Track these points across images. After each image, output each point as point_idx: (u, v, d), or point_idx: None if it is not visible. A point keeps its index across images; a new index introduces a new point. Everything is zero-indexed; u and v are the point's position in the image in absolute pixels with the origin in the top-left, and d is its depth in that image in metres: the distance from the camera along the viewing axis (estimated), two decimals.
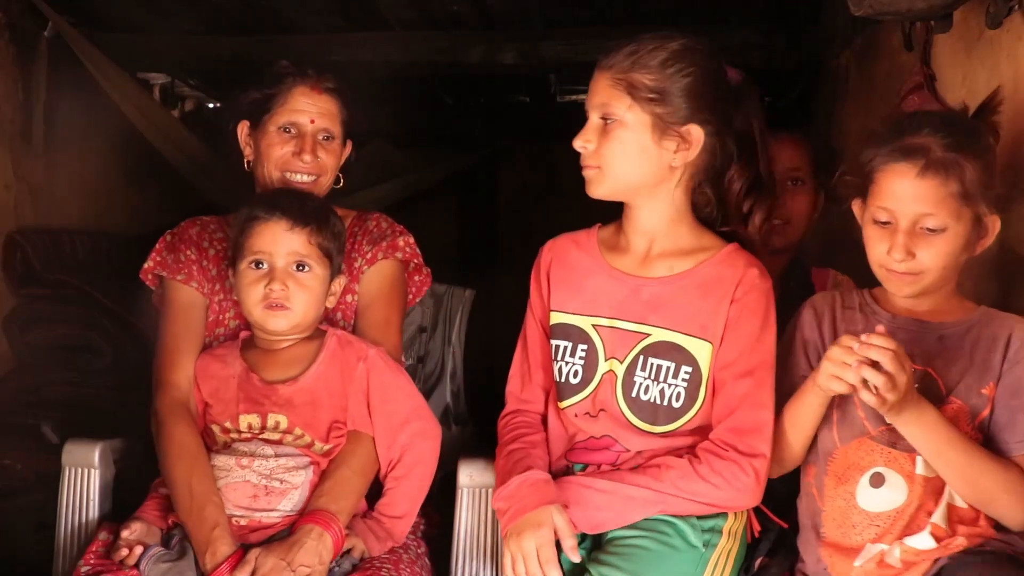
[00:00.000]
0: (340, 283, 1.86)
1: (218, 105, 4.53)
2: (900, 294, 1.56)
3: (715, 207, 1.70)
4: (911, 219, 1.47)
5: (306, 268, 1.76)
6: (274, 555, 1.58)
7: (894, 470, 1.51)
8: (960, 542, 1.45)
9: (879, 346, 1.36)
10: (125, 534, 1.67)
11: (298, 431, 1.75)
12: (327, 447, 1.75)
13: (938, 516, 1.47)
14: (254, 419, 1.75)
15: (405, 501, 1.77)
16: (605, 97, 1.62)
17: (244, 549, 1.62)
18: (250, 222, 1.77)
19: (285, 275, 1.74)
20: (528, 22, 3.35)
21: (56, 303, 2.88)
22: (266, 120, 1.94)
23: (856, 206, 1.60)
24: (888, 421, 1.45)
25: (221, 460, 1.71)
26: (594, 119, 1.64)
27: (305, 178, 1.94)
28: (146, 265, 1.93)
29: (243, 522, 1.67)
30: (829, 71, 3.20)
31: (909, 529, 1.48)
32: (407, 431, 1.77)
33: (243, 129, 2.00)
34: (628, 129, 1.61)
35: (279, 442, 1.73)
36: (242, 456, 1.71)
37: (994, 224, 1.50)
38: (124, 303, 2.82)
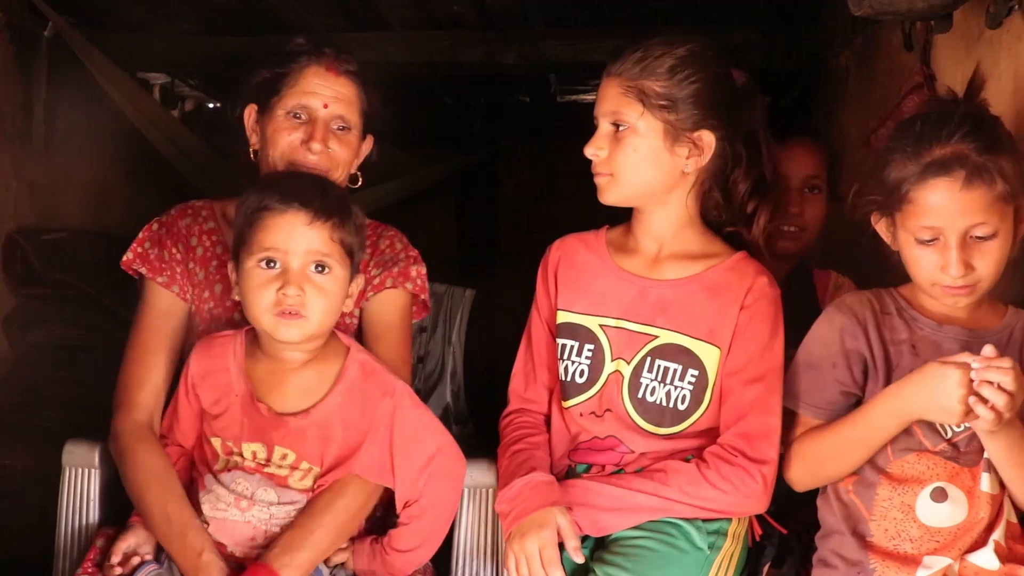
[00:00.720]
0: (358, 284, 1.66)
1: (218, 105, 4.53)
2: (956, 306, 1.50)
3: (723, 210, 1.71)
4: (960, 232, 1.40)
5: (325, 269, 1.55)
6: None
7: (956, 485, 1.47)
8: (1023, 572, 1.44)
9: (1000, 367, 1.31)
10: (123, 547, 1.60)
11: (306, 465, 1.60)
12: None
13: (999, 533, 1.46)
14: (259, 448, 1.60)
15: (413, 538, 1.64)
16: (616, 104, 1.62)
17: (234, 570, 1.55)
18: (261, 212, 1.53)
19: (302, 278, 1.52)
20: (528, 22, 3.35)
21: (56, 303, 2.88)
22: (275, 103, 1.74)
23: (882, 225, 1.54)
24: (984, 436, 1.40)
25: (220, 491, 1.59)
26: (604, 126, 1.64)
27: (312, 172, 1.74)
28: (126, 256, 1.77)
29: (238, 553, 1.58)
30: (829, 71, 3.21)
31: (971, 545, 1.46)
32: (428, 472, 1.62)
33: (250, 114, 1.80)
34: (641, 136, 1.61)
35: (284, 481, 1.59)
36: (242, 497, 1.58)
37: None
38: (124, 303, 2.82)
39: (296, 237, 1.53)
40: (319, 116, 1.73)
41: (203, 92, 4.35)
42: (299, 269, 1.53)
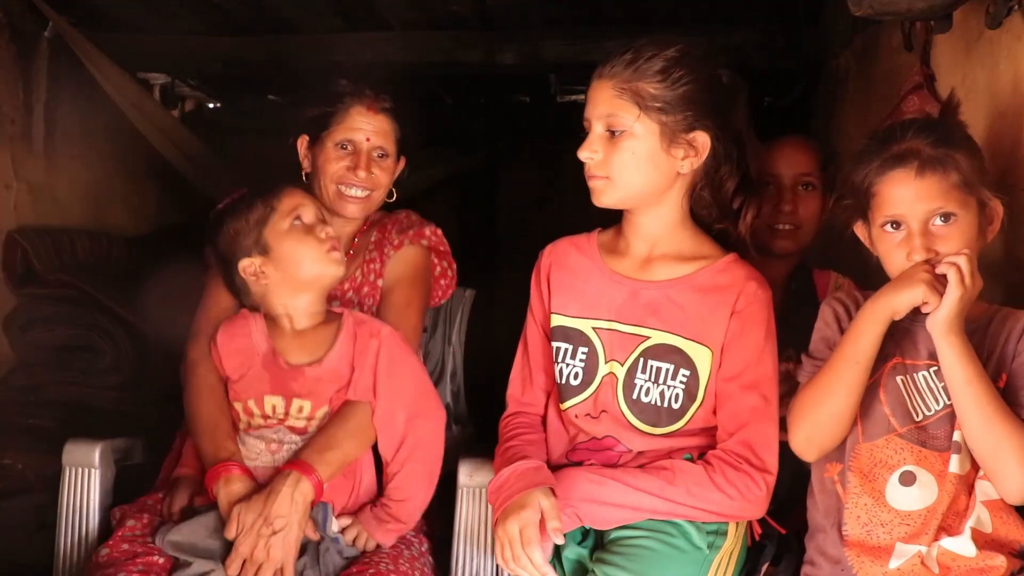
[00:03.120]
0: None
1: (218, 105, 4.53)
2: None
3: (713, 209, 1.71)
4: (921, 219, 1.48)
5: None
6: (253, 511, 1.64)
7: (925, 468, 1.50)
8: (1000, 561, 1.45)
9: (960, 253, 1.43)
10: (179, 502, 1.77)
11: (320, 413, 1.79)
12: None
13: (974, 519, 1.47)
14: (278, 401, 1.79)
15: (409, 483, 1.79)
16: (610, 107, 1.61)
17: None
18: (280, 191, 1.86)
19: (321, 221, 1.87)
20: (528, 22, 3.35)
21: (56, 303, 2.88)
22: (324, 137, 2.03)
23: (859, 229, 1.61)
24: (943, 335, 1.44)
25: (251, 442, 1.78)
26: (598, 129, 1.63)
27: (359, 192, 2.02)
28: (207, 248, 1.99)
29: None
30: (829, 71, 3.20)
31: (944, 530, 1.48)
32: (407, 411, 1.81)
33: (303, 144, 2.09)
34: (637, 139, 1.60)
35: (304, 430, 1.79)
36: (271, 442, 1.77)
37: (998, 208, 1.51)
38: (124, 303, 2.82)
39: (307, 199, 1.89)
40: (363, 148, 2.03)
41: (203, 92, 4.35)
42: (315, 218, 1.86)
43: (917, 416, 1.52)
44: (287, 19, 3.29)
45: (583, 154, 1.64)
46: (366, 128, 2.03)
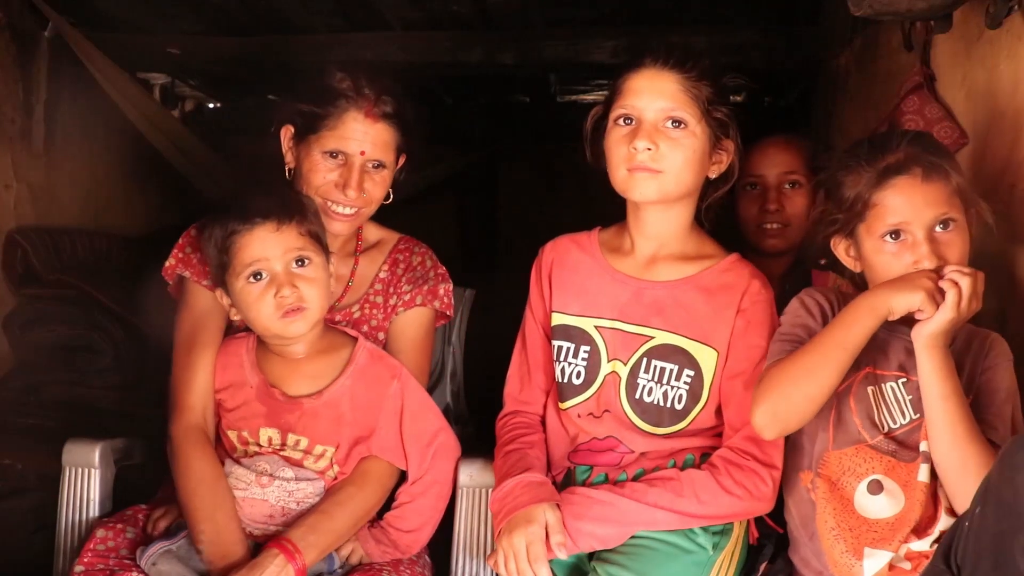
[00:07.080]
0: (334, 263, 1.77)
1: (218, 105, 4.53)
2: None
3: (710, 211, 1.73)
4: (927, 226, 1.47)
5: (306, 261, 1.68)
6: None
7: (892, 478, 1.50)
8: None
9: (962, 271, 1.41)
10: (164, 524, 1.71)
11: (319, 448, 1.71)
12: (339, 470, 1.72)
13: (943, 523, 1.47)
14: (274, 434, 1.71)
15: (416, 517, 1.74)
16: (676, 102, 1.60)
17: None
18: (232, 237, 1.66)
19: (290, 277, 1.66)
20: (528, 22, 3.35)
21: (56, 303, 2.88)
22: (312, 140, 1.79)
23: (840, 248, 1.59)
24: (925, 347, 1.43)
25: (240, 472, 1.68)
26: (657, 120, 1.60)
27: (347, 210, 1.81)
28: (168, 263, 1.82)
29: (257, 533, 1.67)
30: (829, 71, 3.20)
31: (915, 533, 1.47)
32: (432, 448, 1.75)
33: (287, 134, 1.85)
34: (697, 139, 1.61)
35: (299, 463, 1.70)
36: (262, 475, 1.68)
37: (984, 213, 1.52)
38: (124, 303, 2.82)
39: (271, 244, 1.66)
40: (355, 162, 1.79)
41: (203, 92, 4.35)
42: (284, 270, 1.66)
43: (883, 428, 1.53)
44: (287, 19, 3.29)
45: (641, 144, 1.59)
46: (361, 140, 1.77)
